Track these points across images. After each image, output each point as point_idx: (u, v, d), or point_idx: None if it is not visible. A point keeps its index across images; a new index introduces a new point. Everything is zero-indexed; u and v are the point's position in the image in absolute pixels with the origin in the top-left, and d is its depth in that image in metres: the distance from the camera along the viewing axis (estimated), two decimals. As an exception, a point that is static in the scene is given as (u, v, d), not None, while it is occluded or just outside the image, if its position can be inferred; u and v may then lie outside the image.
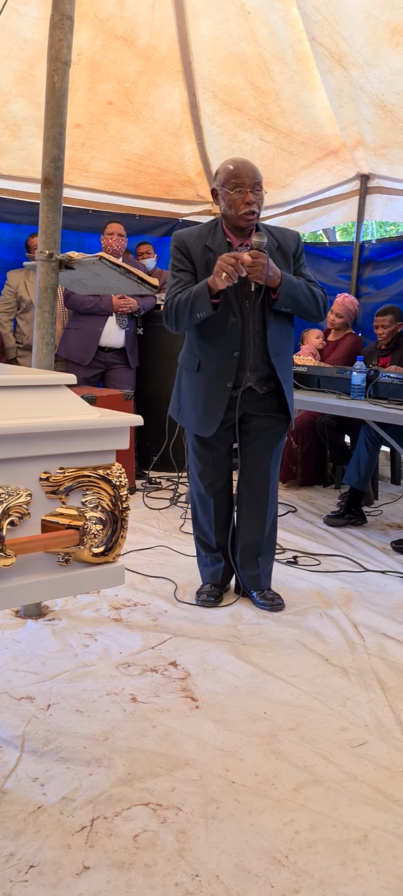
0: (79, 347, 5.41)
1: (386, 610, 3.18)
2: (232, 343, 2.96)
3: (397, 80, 4.71)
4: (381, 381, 4.10)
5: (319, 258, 6.56)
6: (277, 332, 3.02)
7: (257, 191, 2.91)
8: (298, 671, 2.59)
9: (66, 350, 5.46)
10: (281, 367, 3.02)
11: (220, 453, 3.15)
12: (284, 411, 3.11)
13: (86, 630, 2.86)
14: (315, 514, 4.74)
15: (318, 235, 12.03)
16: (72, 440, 1.53)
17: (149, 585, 3.38)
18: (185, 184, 6.58)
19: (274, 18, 4.87)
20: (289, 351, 3.12)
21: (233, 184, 2.89)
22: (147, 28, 5.12)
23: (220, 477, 3.18)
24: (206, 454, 3.14)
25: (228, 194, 2.91)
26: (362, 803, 1.88)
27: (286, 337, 3.08)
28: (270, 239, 3.01)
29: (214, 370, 2.99)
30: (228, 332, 2.95)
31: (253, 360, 3.00)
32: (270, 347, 2.99)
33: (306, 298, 3.00)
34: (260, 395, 3.05)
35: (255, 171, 2.93)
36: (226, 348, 2.96)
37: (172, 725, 2.21)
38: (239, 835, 1.75)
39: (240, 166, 2.91)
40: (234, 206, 2.91)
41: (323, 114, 5.45)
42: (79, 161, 5.99)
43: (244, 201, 2.89)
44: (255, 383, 3.02)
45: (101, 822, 1.77)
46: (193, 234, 3.05)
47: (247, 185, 2.88)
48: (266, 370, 3.03)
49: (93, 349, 5.39)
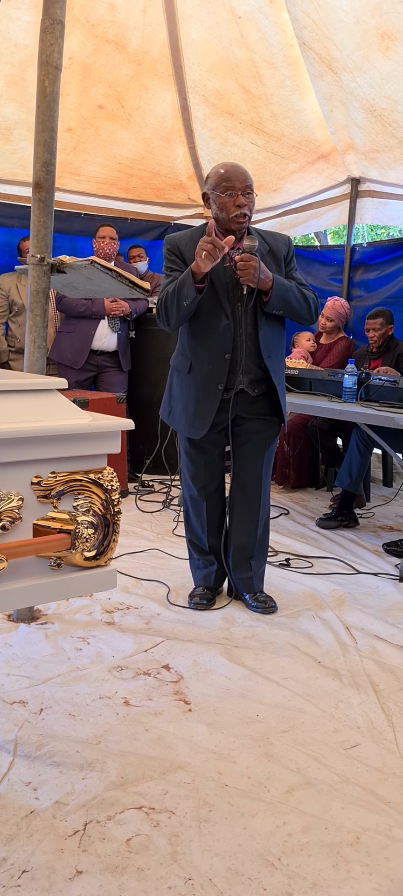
0: (72, 351, 5.41)
1: (378, 612, 3.19)
2: (224, 345, 2.97)
3: (387, 85, 4.73)
4: (372, 383, 4.12)
5: (310, 261, 6.58)
6: (269, 334, 3.03)
7: (248, 194, 2.92)
8: (291, 673, 2.60)
9: (58, 354, 5.46)
10: (274, 369, 3.03)
11: (213, 456, 3.16)
12: (276, 414, 3.12)
13: (79, 634, 2.86)
14: (307, 517, 4.75)
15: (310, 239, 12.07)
16: (64, 444, 1.53)
17: (142, 589, 3.38)
18: (177, 187, 6.59)
19: (264, 23, 4.88)
20: (281, 353, 3.13)
21: (224, 187, 2.90)
22: (138, 32, 5.13)
23: (213, 480, 3.18)
24: (199, 457, 3.14)
25: (219, 197, 2.92)
26: (354, 805, 1.89)
27: (278, 339, 3.09)
28: (261, 243, 3.02)
29: (205, 372, 3.00)
30: (220, 334, 2.96)
31: (246, 363, 3.01)
32: (262, 350, 3.00)
33: (297, 301, 3.01)
34: (253, 397, 3.06)
35: (246, 174, 2.94)
36: (218, 350, 2.97)
37: (165, 729, 2.21)
38: (232, 837, 1.75)
39: (231, 170, 2.93)
40: (225, 209, 2.92)
41: (313, 118, 5.47)
42: (70, 165, 6.00)
43: (235, 204, 2.90)
44: (247, 386, 3.03)
45: (94, 827, 1.77)
46: (185, 237, 3.06)
47: (238, 188, 2.90)
48: (258, 373, 3.04)
49: (85, 353, 5.39)
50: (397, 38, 4.38)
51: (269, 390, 3.07)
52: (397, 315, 5.44)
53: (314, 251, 7.01)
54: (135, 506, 4.85)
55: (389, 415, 3.64)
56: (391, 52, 4.48)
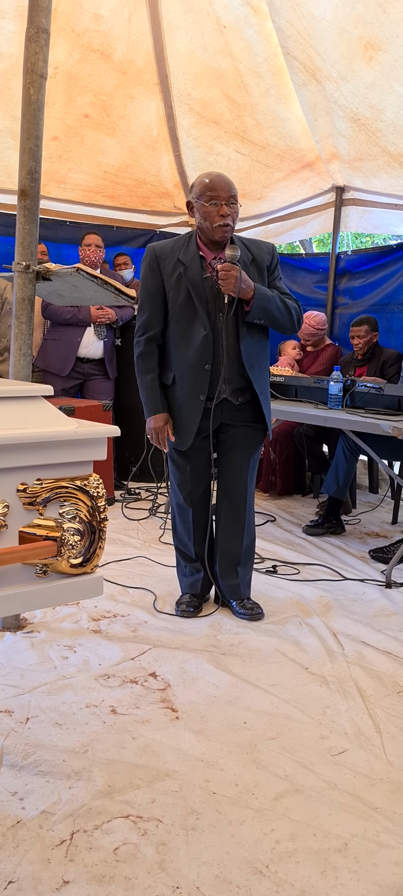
0: (58, 358, 5.40)
1: (365, 618, 3.20)
2: (204, 356, 2.97)
3: (370, 94, 4.76)
4: (358, 390, 4.13)
5: (296, 269, 6.61)
6: (252, 344, 3.03)
7: (232, 204, 2.93)
8: (278, 680, 2.60)
9: (44, 361, 5.44)
10: (256, 379, 3.04)
11: (198, 462, 3.16)
12: (261, 421, 3.13)
13: (66, 642, 2.84)
14: (294, 524, 4.76)
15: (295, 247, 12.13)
16: (50, 451, 1.53)
17: (129, 596, 3.37)
18: (162, 195, 6.61)
19: (249, 33, 4.91)
20: (265, 363, 3.14)
21: (209, 196, 2.91)
22: (123, 42, 5.15)
23: (198, 486, 3.19)
24: (184, 463, 3.15)
25: (203, 207, 2.93)
26: (342, 811, 1.89)
27: (261, 349, 3.10)
28: (245, 252, 3.04)
29: (188, 383, 3.01)
30: (199, 345, 2.96)
31: (228, 373, 3.01)
32: (245, 360, 3.00)
33: (279, 311, 3.02)
34: (237, 405, 3.07)
35: (230, 184, 2.95)
36: (198, 362, 2.98)
37: (152, 737, 2.20)
38: (220, 845, 1.75)
39: (216, 180, 2.93)
40: (209, 219, 2.93)
41: (298, 127, 5.50)
42: (56, 173, 6.00)
43: (219, 214, 2.91)
44: (230, 395, 3.04)
45: (81, 836, 1.76)
46: (167, 248, 3.05)
47: (222, 197, 2.90)
48: (241, 382, 3.04)
49: (71, 360, 5.38)
50: (380, 48, 4.42)
51: (253, 398, 3.08)
52: (382, 322, 5.48)
53: (299, 259, 7.04)
54: (122, 513, 4.84)
55: (374, 421, 3.66)
56: (374, 61, 4.52)
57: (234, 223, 2.99)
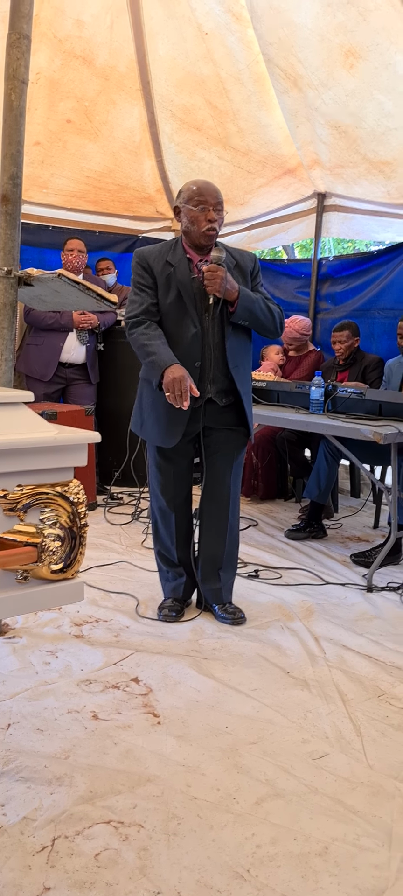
0: (40, 363, 5.38)
1: (347, 622, 3.22)
2: (194, 354, 3.00)
3: (351, 102, 4.80)
4: (339, 395, 4.16)
5: (278, 275, 6.64)
6: (236, 345, 3.07)
7: (218, 210, 3.00)
8: (259, 685, 2.61)
9: (26, 366, 5.43)
10: (240, 379, 3.07)
11: (181, 467, 3.17)
12: (243, 425, 3.15)
13: (47, 647, 2.84)
14: (276, 528, 4.78)
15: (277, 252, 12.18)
16: (30, 457, 1.53)
17: (111, 601, 3.37)
18: (145, 200, 6.61)
19: (230, 39, 4.94)
20: (248, 364, 3.17)
21: (197, 201, 2.98)
22: (105, 48, 5.15)
23: (181, 491, 3.19)
24: (168, 468, 3.15)
25: (191, 211, 2.99)
26: (323, 815, 1.90)
27: (244, 351, 3.13)
28: (229, 257, 3.10)
29: None
30: (189, 343, 2.99)
31: (214, 373, 3.04)
32: (229, 360, 3.03)
33: (263, 313, 3.06)
34: (221, 407, 3.09)
35: (217, 192, 3.02)
36: (188, 359, 2.99)
37: (134, 742, 2.20)
38: (201, 850, 1.75)
39: (204, 186, 3.01)
40: (196, 223, 2.99)
41: (279, 133, 5.54)
42: (38, 178, 5.99)
43: (206, 218, 2.97)
44: (215, 395, 3.06)
45: (62, 842, 1.75)
46: (154, 252, 3.10)
47: (210, 203, 2.97)
48: (225, 382, 3.07)
49: (53, 365, 5.37)
50: (361, 56, 4.46)
51: (237, 400, 3.10)
52: (363, 328, 5.52)
53: (281, 265, 7.08)
54: (104, 518, 4.83)
55: (355, 426, 3.68)
56: (355, 69, 4.56)
57: (219, 229, 3.05)
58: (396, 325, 5.32)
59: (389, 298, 5.67)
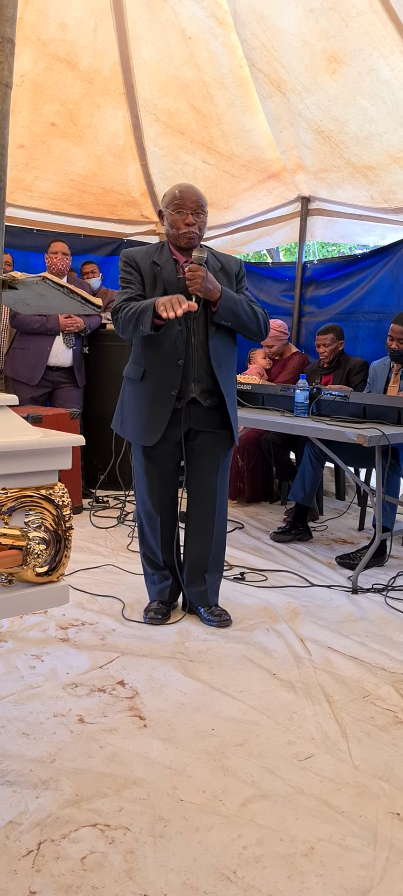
0: (27, 367, 5.37)
1: (332, 624, 3.24)
2: (178, 351, 3.01)
3: (334, 107, 4.83)
4: (324, 398, 4.18)
5: (263, 278, 6.66)
6: (220, 345, 3.08)
7: (198, 214, 3.03)
8: (245, 686, 2.62)
9: (12, 370, 5.41)
10: (223, 380, 3.08)
11: (167, 469, 3.17)
12: (229, 427, 3.16)
13: (33, 651, 2.83)
14: (261, 531, 4.79)
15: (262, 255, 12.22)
16: (15, 461, 1.53)
17: (97, 604, 3.36)
18: (130, 204, 6.62)
19: (214, 44, 4.95)
20: (232, 366, 3.18)
21: (176, 205, 3.02)
22: (89, 51, 5.16)
23: (167, 494, 3.20)
24: (153, 470, 3.16)
25: (171, 215, 3.04)
26: (308, 816, 1.91)
27: (228, 352, 3.14)
28: (214, 261, 3.13)
29: (159, 378, 3.03)
30: (173, 340, 3.01)
31: (198, 372, 3.06)
32: (212, 360, 3.05)
33: (246, 314, 3.08)
34: (205, 408, 3.09)
35: (198, 195, 3.05)
36: (171, 356, 3.01)
37: (120, 745, 2.20)
38: (187, 852, 1.75)
39: (184, 191, 3.04)
40: (175, 226, 3.03)
41: (263, 138, 5.56)
42: (22, 181, 5.97)
43: (184, 222, 3.01)
44: (199, 395, 3.07)
45: (48, 846, 1.75)
46: (141, 252, 3.14)
47: (188, 207, 3.01)
48: (209, 382, 3.08)
49: (41, 369, 5.36)
50: (343, 62, 4.50)
51: (221, 402, 3.11)
52: (347, 331, 5.55)
53: (266, 268, 7.10)
54: (90, 521, 4.82)
55: (340, 429, 3.70)
56: (337, 74, 4.59)
57: (201, 231, 3.07)
58: (380, 327, 5.37)
59: (373, 301, 5.71)
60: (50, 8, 4.82)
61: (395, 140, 4.82)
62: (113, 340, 5.61)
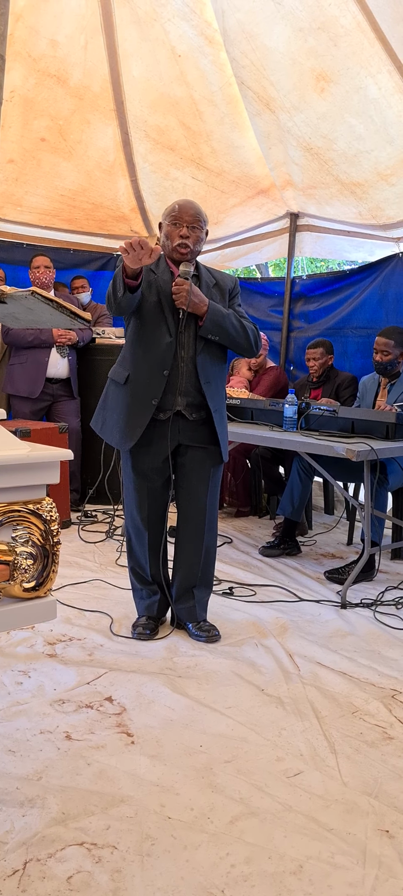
0: (27, 381, 5.36)
1: (321, 639, 3.23)
2: (164, 362, 3.02)
3: (322, 125, 4.88)
4: (312, 413, 4.19)
5: (252, 293, 6.69)
6: (208, 360, 3.09)
7: (193, 228, 3.07)
8: (234, 702, 2.60)
9: (12, 386, 5.40)
10: (211, 395, 3.08)
11: (156, 484, 3.16)
12: (217, 443, 3.16)
13: (20, 667, 2.80)
14: (250, 545, 4.79)
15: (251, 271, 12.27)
16: (2, 475, 1.52)
17: (85, 619, 3.34)
18: (119, 219, 6.63)
19: (203, 62, 4.99)
20: (221, 382, 3.19)
21: (173, 217, 3.07)
22: (79, 68, 5.18)
23: (156, 509, 3.19)
24: (142, 485, 3.15)
25: (167, 226, 3.09)
26: (297, 833, 1.90)
27: (218, 368, 3.15)
28: (208, 276, 3.17)
29: (142, 384, 3.04)
30: (162, 350, 3.02)
31: (185, 385, 3.06)
32: (200, 375, 3.05)
33: (234, 329, 3.09)
34: (193, 423, 3.10)
35: (196, 210, 3.09)
36: (157, 365, 3.02)
37: (107, 762, 2.18)
38: (175, 871, 1.74)
39: (183, 204, 3.09)
40: (170, 237, 3.08)
41: (252, 154, 5.60)
42: (12, 195, 5.98)
43: (179, 234, 3.05)
44: (185, 408, 3.07)
45: (34, 865, 1.73)
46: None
47: (185, 220, 3.05)
48: (197, 397, 3.08)
49: (41, 381, 5.36)
50: (331, 80, 4.54)
51: (209, 417, 3.11)
52: (336, 346, 5.58)
53: (255, 283, 7.13)
54: (78, 536, 4.80)
55: (329, 444, 3.71)
56: (326, 93, 4.63)
57: (195, 246, 3.09)
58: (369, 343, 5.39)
59: (362, 317, 5.74)
60: (41, 25, 4.84)
61: (383, 157, 4.87)
62: (103, 355, 5.60)
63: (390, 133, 4.67)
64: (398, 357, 4.50)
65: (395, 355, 4.48)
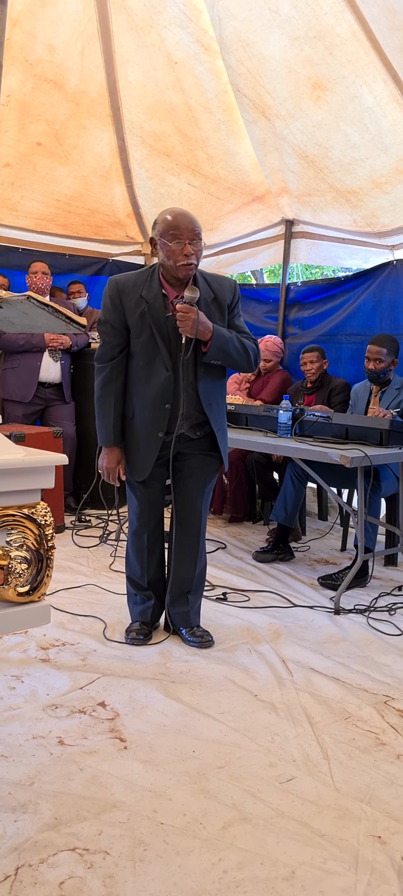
0: (19, 385, 5.38)
1: (314, 645, 3.24)
2: (165, 396, 2.98)
3: (318, 133, 4.89)
4: (306, 419, 4.20)
5: (247, 299, 6.69)
6: (210, 384, 3.06)
7: (195, 242, 2.92)
8: (227, 708, 2.61)
9: (4, 390, 5.42)
10: (213, 416, 3.07)
11: (154, 490, 3.16)
12: (217, 450, 3.15)
13: (13, 672, 2.80)
14: (244, 551, 4.79)
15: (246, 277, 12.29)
16: (-3, 480, 1.52)
17: (79, 624, 3.34)
18: (115, 225, 6.64)
19: (199, 69, 5.00)
20: (222, 400, 3.17)
21: (172, 235, 2.88)
22: (76, 73, 5.19)
23: (154, 515, 3.19)
24: (142, 491, 3.15)
25: (166, 245, 2.90)
26: (289, 839, 1.90)
27: (219, 388, 3.13)
28: (206, 290, 3.04)
29: (147, 419, 3.02)
30: (161, 384, 2.97)
31: (187, 410, 3.03)
32: (202, 399, 3.03)
33: (237, 352, 3.03)
34: (194, 438, 3.10)
35: (194, 222, 2.92)
36: (159, 400, 2.99)
37: (100, 767, 2.18)
38: (167, 877, 1.74)
39: (179, 217, 2.91)
40: (173, 258, 2.90)
41: (248, 161, 5.61)
42: (8, 200, 5.98)
43: (182, 253, 2.88)
44: (188, 430, 3.07)
45: (26, 871, 1.73)
46: (129, 283, 3.02)
47: (186, 236, 2.88)
48: (199, 418, 3.07)
49: (33, 385, 5.38)
50: (327, 88, 4.56)
51: (211, 432, 3.11)
52: (330, 352, 5.60)
53: (250, 289, 7.14)
54: (72, 541, 4.80)
55: (322, 449, 3.72)
56: (321, 101, 4.65)
57: (198, 261, 2.98)
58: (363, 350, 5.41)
59: (356, 324, 5.76)
60: (38, 30, 4.85)
61: (377, 166, 4.89)
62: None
63: (385, 141, 4.70)
64: (389, 365, 4.52)
65: (387, 363, 4.50)
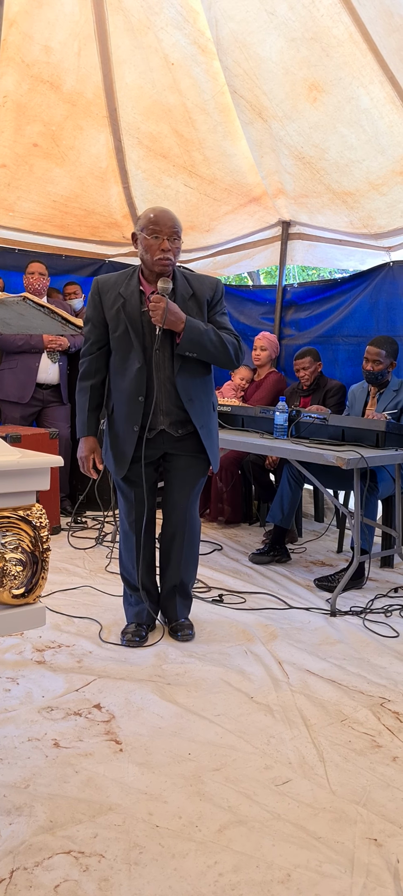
0: (17, 386, 5.38)
1: (310, 646, 3.23)
2: (138, 388, 3.03)
3: (315, 134, 4.89)
4: (303, 420, 4.20)
5: (243, 300, 6.70)
6: (189, 378, 3.08)
7: (174, 239, 3.00)
8: (223, 710, 2.60)
9: (2, 391, 5.42)
10: (196, 413, 3.08)
11: (142, 490, 3.16)
12: (205, 452, 3.16)
13: (8, 674, 2.79)
14: (240, 552, 4.79)
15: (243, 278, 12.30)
16: (-8, 481, 1.52)
17: (74, 626, 3.34)
18: (111, 226, 6.64)
19: (196, 70, 5.00)
20: (206, 397, 3.16)
21: (151, 230, 2.98)
22: (73, 74, 5.18)
23: (142, 514, 3.19)
24: (129, 491, 3.17)
25: (145, 239, 3.00)
26: (285, 842, 1.90)
27: (201, 384, 3.13)
28: (185, 287, 3.10)
29: (123, 414, 3.08)
30: (134, 377, 3.03)
31: (166, 405, 3.07)
32: (182, 393, 3.05)
33: (213, 345, 3.04)
34: (176, 437, 3.11)
35: (174, 220, 3.02)
36: (132, 393, 3.04)
37: (95, 770, 2.18)
38: (163, 880, 1.73)
39: (160, 214, 3.01)
40: (150, 251, 3.00)
41: (244, 163, 5.61)
42: (4, 201, 5.97)
43: (159, 248, 2.98)
44: (169, 427, 3.09)
45: (21, 874, 1.72)
46: (110, 282, 3.14)
47: (164, 232, 2.98)
48: (180, 415, 3.09)
49: (31, 386, 5.38)
50: (324, 90, 4.56)
51: (196, 431, 3.12)
52: (326, 354, 5.60)
53: (246, 290, 7.14)
54: (68, 542, 4.79)
55: (319, 451, 3.72)
56: (318, 102, 4.65)
57: (176, 258, 3.06)
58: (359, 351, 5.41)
59: (352, 325, 5.76)
60: (34, 31, 4.84)
61: (374, 167, 4.89)
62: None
63: (381, 143, 4.70)
64: (388, 366, 4.52)
65: (386, 365, 4.50)
